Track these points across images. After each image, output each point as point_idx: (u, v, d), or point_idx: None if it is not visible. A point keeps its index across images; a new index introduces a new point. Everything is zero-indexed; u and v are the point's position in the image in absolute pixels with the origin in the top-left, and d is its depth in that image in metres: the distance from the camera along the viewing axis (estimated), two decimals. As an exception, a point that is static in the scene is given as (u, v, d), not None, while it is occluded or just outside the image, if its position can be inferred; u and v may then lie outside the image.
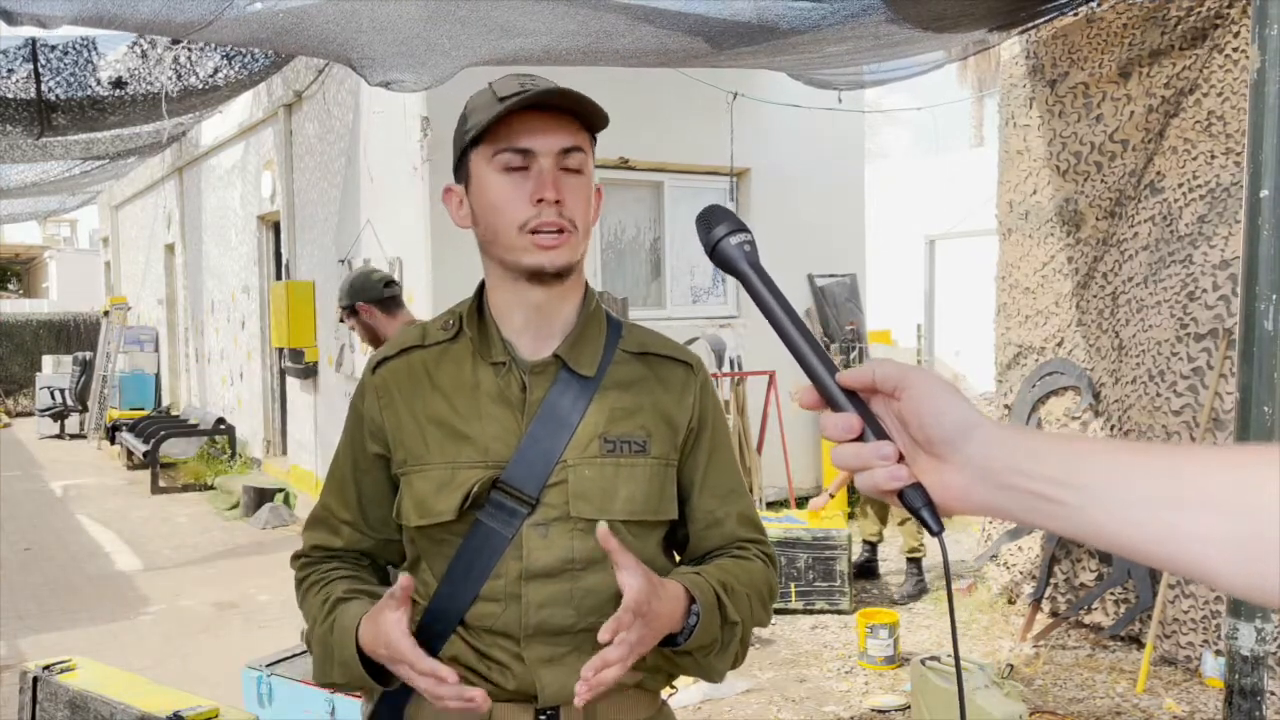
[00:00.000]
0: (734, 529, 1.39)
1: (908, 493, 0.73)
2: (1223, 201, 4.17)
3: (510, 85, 1.26)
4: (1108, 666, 4.40)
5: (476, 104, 1.30)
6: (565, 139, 1.27)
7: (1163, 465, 0.63)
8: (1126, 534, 0.63)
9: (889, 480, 0.72)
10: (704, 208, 0.92)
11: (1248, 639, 2.50)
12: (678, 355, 1.40)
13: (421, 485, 1.30)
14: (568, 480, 1.28)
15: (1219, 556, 0.60)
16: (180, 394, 13.17)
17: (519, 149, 1.25)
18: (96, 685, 2.64)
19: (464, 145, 1.30)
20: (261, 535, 7.59)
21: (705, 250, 0.89)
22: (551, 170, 1.26)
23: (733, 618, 1.27)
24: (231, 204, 10.45)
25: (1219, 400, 4.13)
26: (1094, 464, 0.65)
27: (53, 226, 35.41)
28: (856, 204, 8.18)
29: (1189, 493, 0.61)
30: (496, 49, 3.80)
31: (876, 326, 9.84)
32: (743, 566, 1.35)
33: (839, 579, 5.21)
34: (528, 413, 1.30)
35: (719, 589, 1.26)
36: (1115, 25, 4.62)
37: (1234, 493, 0.60)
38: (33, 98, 4.93)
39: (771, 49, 4.00)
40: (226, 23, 3.33)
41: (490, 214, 1.28)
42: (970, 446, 0.70)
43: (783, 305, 0.83)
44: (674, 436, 1.35)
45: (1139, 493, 0.63)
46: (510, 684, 1.27)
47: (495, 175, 1.27)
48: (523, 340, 1.33)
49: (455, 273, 6.13)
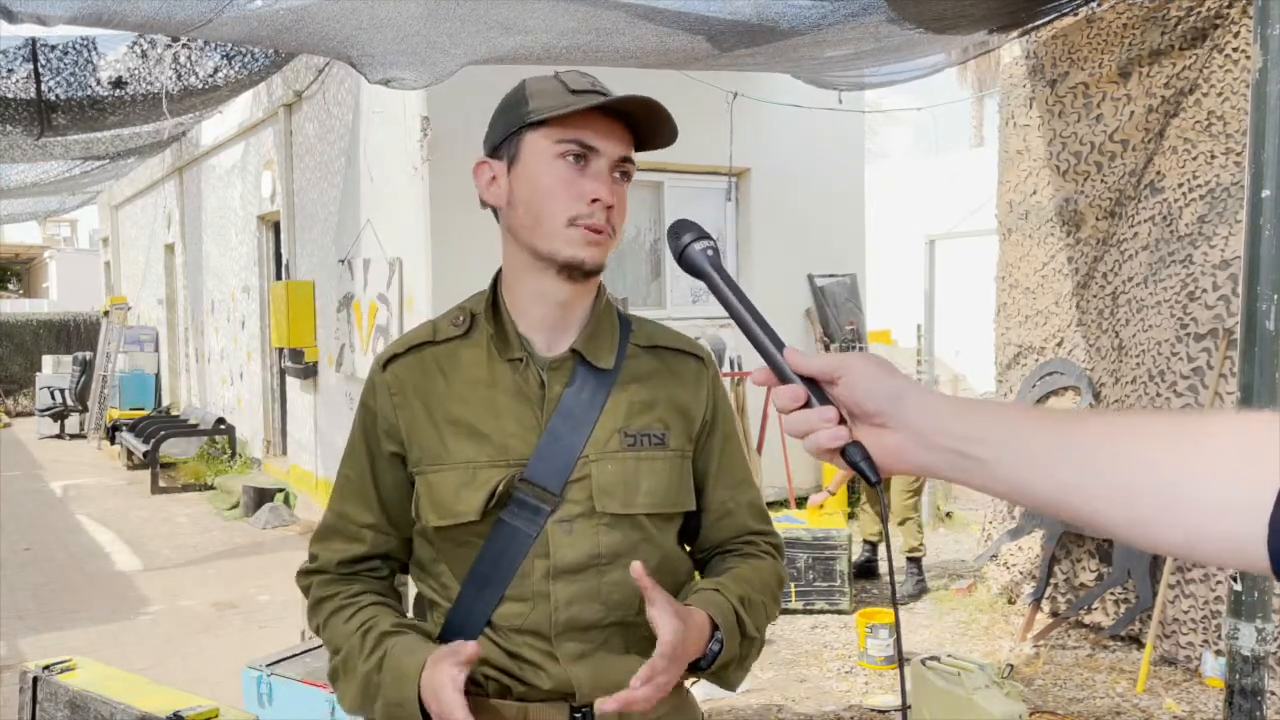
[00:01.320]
0: (744, 519, 1.41)
1: (849, 449, 0.80)
2: (1223, 201, 4.16)
3: (581, 82, 1.28)
4: (1108, 666, 4.40)
5: (539, 88, 1.29)
6: (626, 147, 1.30)
7: (1056, 426, 0.73)
8: (1030, 487, 0.72)
9: (831, 440, 0.80)
10: (674, 221, 1.03)
11: (1248, 639, 2.50)
12: (688, 348, 1.41)
13: (440, 485, 1.28)
14: (591, 475, 1.28)
15: (1100, 507, 0.69)
16: (180, 394, 13.17)
17: (587, 145, 1.26)
18: (96, 685, 2.63)
19: (519, 124, 1.28)
20: (261, 535, 7.59)
21: (674, 256, 1.01)
22: (608, 173, 1.27)
23: (751, 633, 1.29)
24: (231, 204, 10.45)
25: (1219, 400, 4.13)
26: (1003, 424, 0.74)
27: (53, 226, 35.41)
28: (856, 204, 8.18)
29: (1084, 452, 0.70)
30: (496, 46, 3.80)
31: (876, 326, 9.84)
32: (756, 569, 1.37)
33: (839, 579, 5.21)
34: (547, 408, 1.29)
35: (738, 606, 1.28)
36: (1115, 25, 4.61)
37: (1108, 447, 0.69)
38: (33, 98, 4.93)
39: (772, 51, 3.99)
40: (226, 21, 3.33)
41: (540, 198, 1.27)
42: (902, 413, 0.78)
43: (740, 298, 0.94)
44: (689, 428, 1.37)
45: (1036, 450, 0.71)
46: (546, 683, 1.26)
47: (554, 162, 1.26)
48: (539, 335, 1.32)
49: (455, 273, 6.12)
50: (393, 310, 6.67)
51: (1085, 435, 0.71)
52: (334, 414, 7.83)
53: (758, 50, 3.95)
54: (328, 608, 1.35)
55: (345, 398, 7.56)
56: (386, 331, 6.78)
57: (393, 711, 1.23)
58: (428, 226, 6.21)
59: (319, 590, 1.37)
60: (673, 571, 1.36)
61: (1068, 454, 0.70)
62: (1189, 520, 0.64)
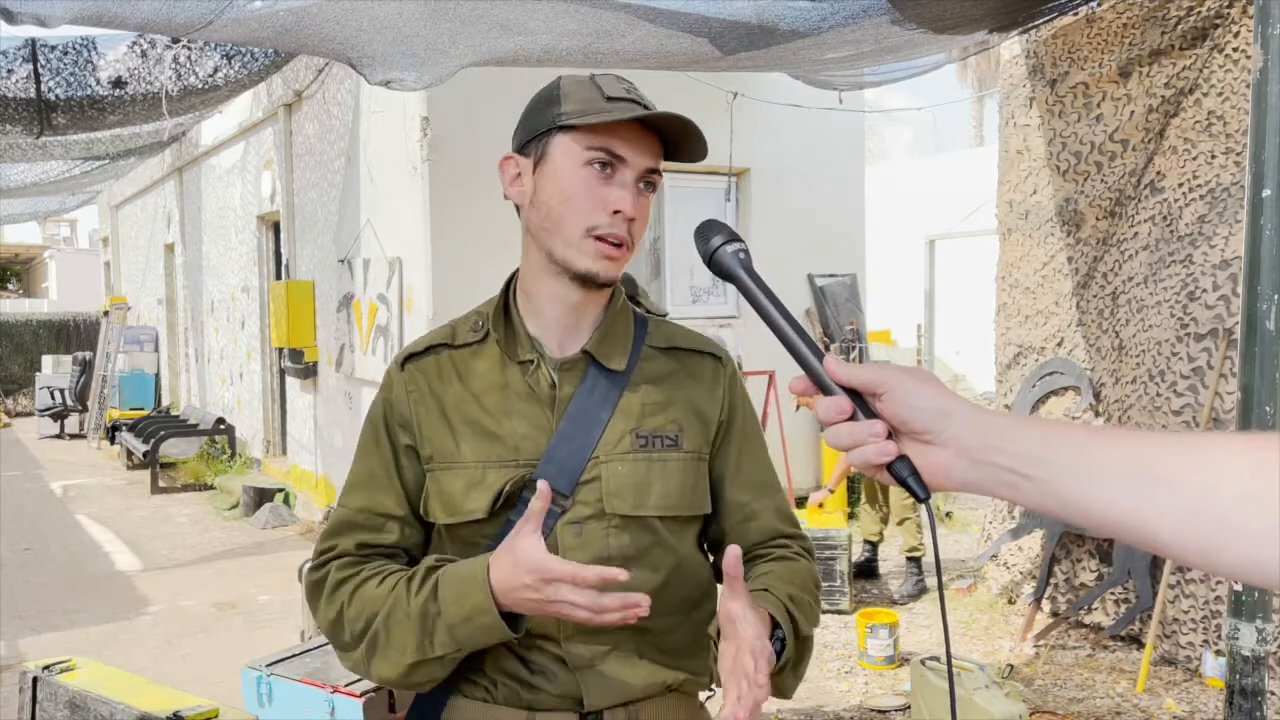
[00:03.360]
0: (772, 523, 1.38)
1: (896, 465, 0.79)
2: (1223, 201, 4.16)
3: (617, 89, 1.26)
4: (1108, 666, 4.40)
5: (573, 90, 1.27)
6: (655, 159, 1.27)
7: (1120, 445, 0.72)
8: (1083, 506, 0.72)
9: (879, 455, 0.79)
10: (701, 222, 0.99)
11: (1248, 639, 2.49)
12: (705, 348, 1.40)
13: (450, 484, 1.28)
14: (601, 477, 1.27)
15: (1162, 526, 0.68)
16: (180, 394, 13.17)
17: (616, 154, 1.24)
18: (96, 685, 2.63)
19: (550, 125, 1.26)
20: (261, 535, 7.59)
21: (703, 260, 0.96)
22: (634, 184, 1.26)
23: (805, 632, 1.26)
24: (231, 204, 10.44)
25: (1219, 400, 4.13)
26: (1062, 443, 0.74)
27: (53, 226, 35.42)
28: (856, 204, 8.18)
29: (1141, 470, 0.70)
30: (496, 48, 3.80)
31: (876, 326, 9.84)
32: (794, 570, 1.33)
33: (839, 579, 5.21)
34: (558, 410, 1.29)
35: (790, 605, 1.25)
36: (1115, 25, 4.61)
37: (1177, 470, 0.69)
38: (33, 97, 4.93)
39: (773, 54, 3.99)
40: (226, 22, 3.32)
41: (562, 203, 1.25)
42: (950, 429, 0.77)
43: (775, 304, 0.91)
44: (705, 430, 1.35)
45: (1098, 470, 0.71)
46: (555, 689, 1.25)
47: (580, 168, 1.25)
48: (550, 337, 1.32)
49: (455, 273, 6.12)
50: (392, 310, 6.66)
51: (1141, 455, 0.71)
52: (334, 414, 7.83)
53: (758, 54, 3.95)
54: (352, 583, 1.27)
55: (345, 397, 7.55)
56: (386, 331, 6.78)
57: (459, 633, 1.17)
58: (428, 226, 6.21)
59: (339, 572, 1.29)
60: (692, 578, 1.33)
61: (1123, 474, 0.70)
62: (1247, 547, 0.65)
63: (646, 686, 1.28)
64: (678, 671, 1.30)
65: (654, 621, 1.22)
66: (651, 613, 1.15)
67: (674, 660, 1.31)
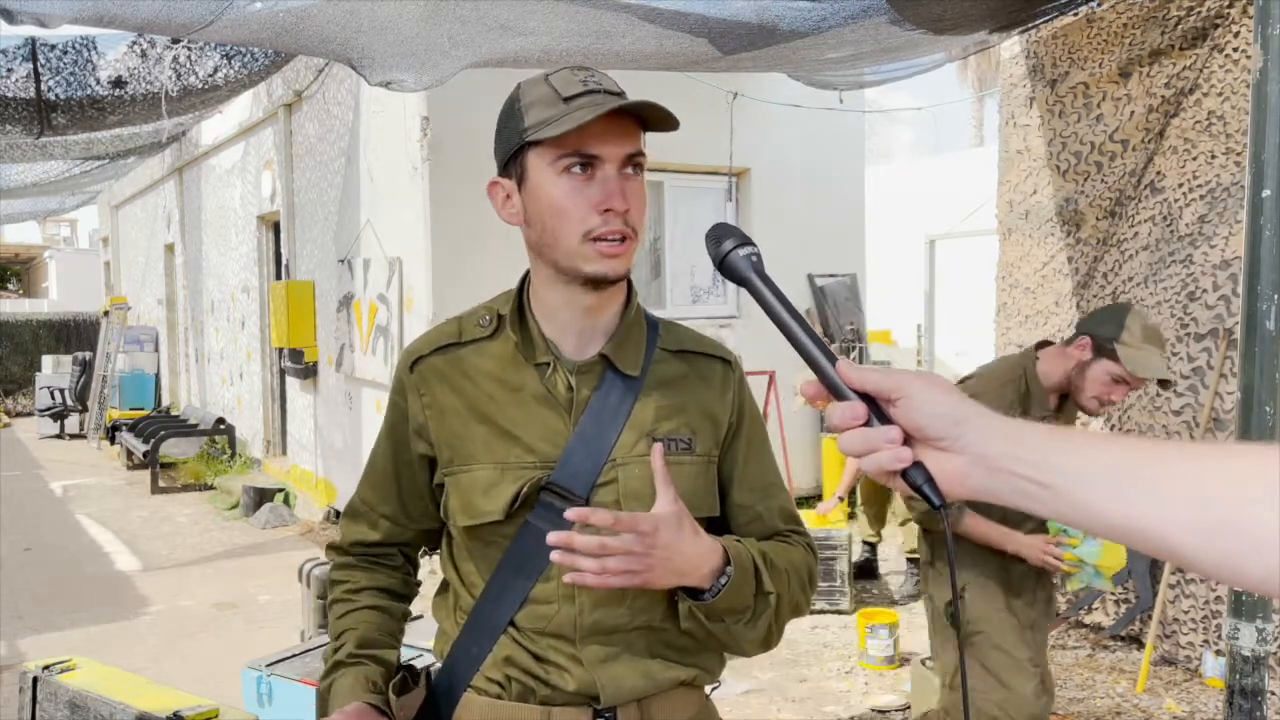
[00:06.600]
0: (774, 522, 1.39)
1: (911, 471, 0.78)
2: (1223, 201, 4.16)
3: (573, 84, 1.23)
4: (1108, 666, 4.40)
5: (533, 98, 1.25)
6: (631, 145, 1.24)
7: (1140, 455, 0.72)
8: (1103, 515, 0.71)
9: (894, 461, 0.77)
10: (712, 225, 0.99)
11: (1249, 639, 2.49)
12: (715, 352, 1.41)
13: (469, 485, 1.29)
14: (618, 479, 1.27)
15: (1184, 538, 0.68)
16: (180, 394, 13.17)
17: (588, 154, 1.22)
18: (96, 685, 2.63)
19: (519, 143, 1.25)
20: (261, 535, 7.58)
21: (715, 263, 0.96)
22: (617, 177, 1.23)
23: (768, 588, 1.26)
24: (231, 204, 10.44)
25: (1219, 400, 4.13)
26: (1080, 453, 0.73)
27: (53, 226, 35.42)
28: (856, 204, 8.18)
29: (1162, 480, 0.69)
30: (496, 49, 3.80)
31: (876, 326, 9.84)
32: (784, 548, 1.34)
33: (839, 579, 5.21)
34: (575, 412, 1.29)
35: (758, 558, 1.26)
36: (1115, 25, 4.61)
37: (1196, 483, 0.68)
38: (32, 97, 4.93)
39: (773, 54, 3.99)
40: (227, 22, 3.33)
41: (552, 218, 1.24)
42: (966, 437, 0.76)
43: (788, 309, 0.90)
44: (716, 433, 1.36)
45: (1117, 480, 0.71)
46: (570, 686, 1.26)
47: (557, 178, 1.23)
48: (566, 340, 1.32)
49: (455, 272, 6.13)
50: (392, 310, 6.67)
51: (1163, 466, 0.70)
52: (334, 414, 7.83)
53: (758, 55, 3.95)
54: (334, 592, 1.44)
55: (345, 398, 7.55)
56: (386, 331, 6.78)
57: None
58: (428, 226, 6.21)
59: (335, 573, 1.46)
60: None
61: (1144, 484, 0.70)
62: (1272, 561, 0.65)
63: (659, 683, 1.29)
64: (689, 668, 1.32)
65: (666, 621, 1.25)
66: (663, 612, 1.22)
67: (686, 657, 1.32)
